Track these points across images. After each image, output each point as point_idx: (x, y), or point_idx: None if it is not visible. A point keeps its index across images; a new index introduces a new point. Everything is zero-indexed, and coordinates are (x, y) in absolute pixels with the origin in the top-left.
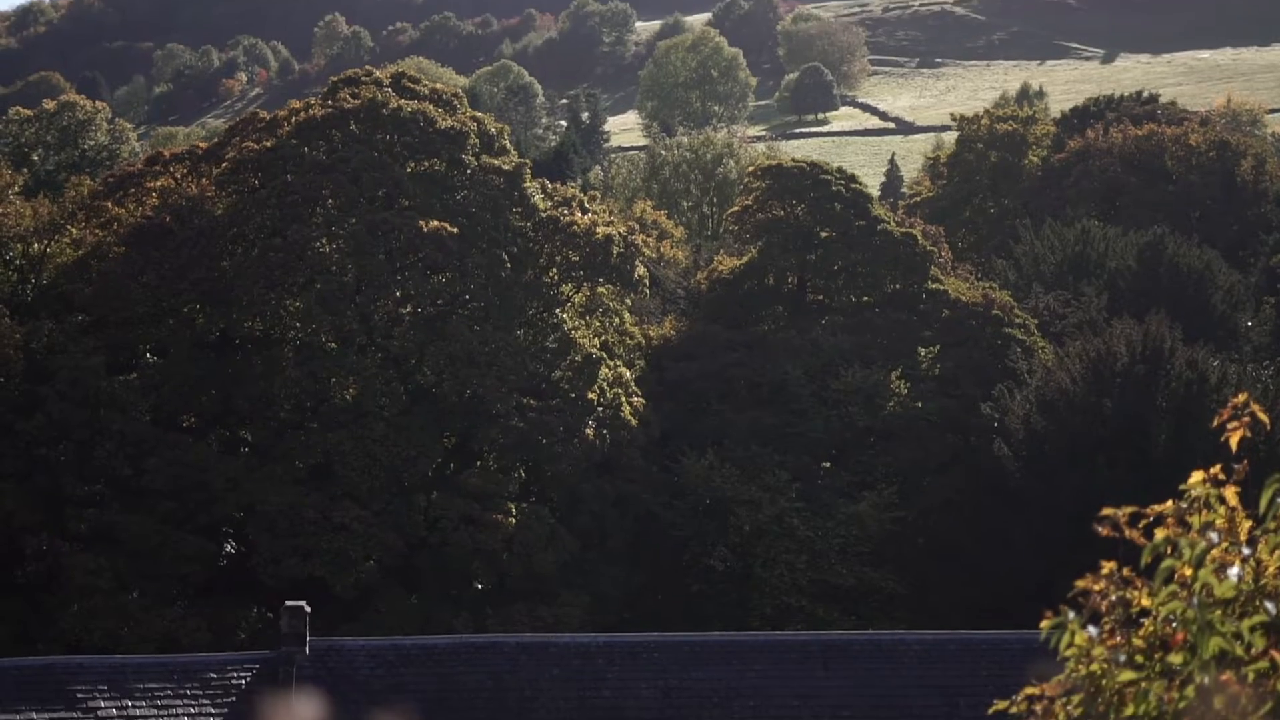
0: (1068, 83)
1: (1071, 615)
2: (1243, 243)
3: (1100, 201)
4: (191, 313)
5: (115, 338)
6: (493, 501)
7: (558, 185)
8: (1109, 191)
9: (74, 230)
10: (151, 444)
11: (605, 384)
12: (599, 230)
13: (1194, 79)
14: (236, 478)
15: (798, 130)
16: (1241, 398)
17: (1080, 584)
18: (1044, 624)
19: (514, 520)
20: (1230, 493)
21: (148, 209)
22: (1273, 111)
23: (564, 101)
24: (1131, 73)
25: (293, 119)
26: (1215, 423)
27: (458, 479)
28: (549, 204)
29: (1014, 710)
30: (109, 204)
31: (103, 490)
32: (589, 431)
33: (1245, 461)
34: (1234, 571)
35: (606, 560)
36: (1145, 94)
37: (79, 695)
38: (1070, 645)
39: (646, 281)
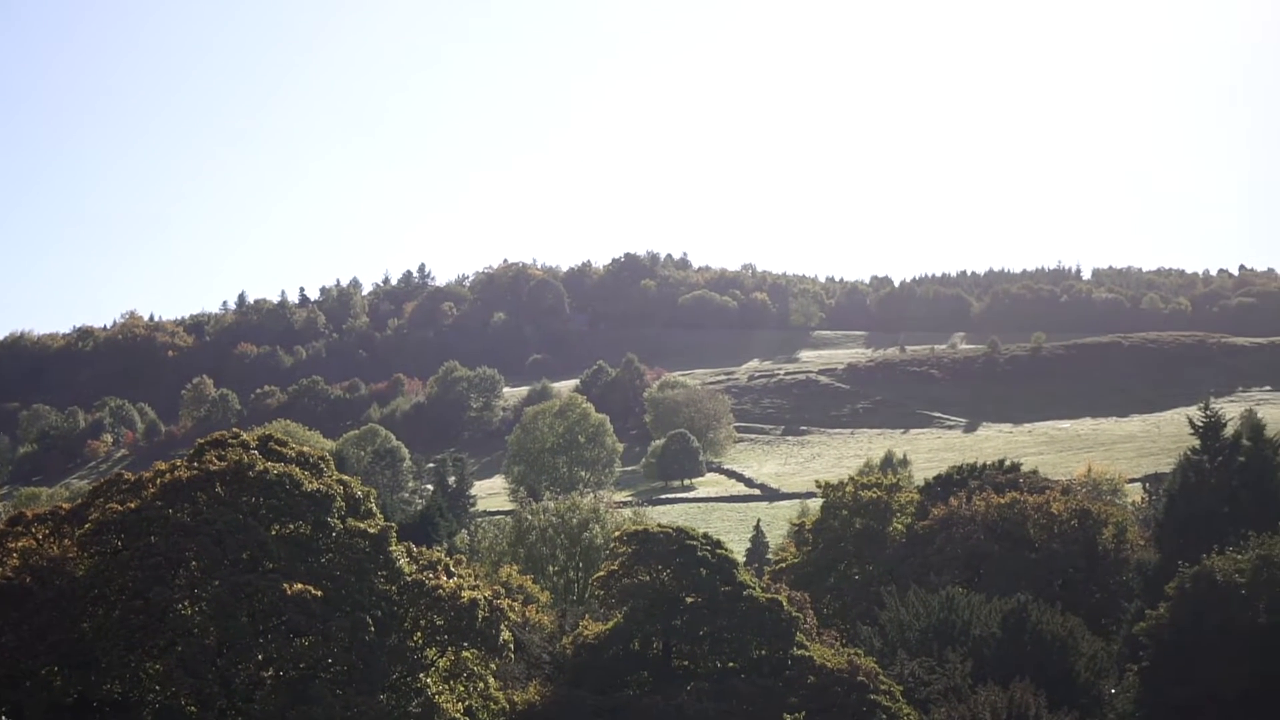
0: (931, 450)
1: None
2: (1105, 610)
3: (964, 568)
4: (49, 675)
5: None
6: None
7: (423, 549)
8: (972, 558)
9: None
10: None
11: None
12: (464, 594)
13: (1055, 448)
14: None
15: (664, 496)
16: None
17: None
18: None
19: None
20: None
21: (8, 570)
22: (1132, 481)
23: (431, 465)
24: (993, 441)
25: (158, 480)
26: None
27: None
28: (414, 567)
29: None
30: None
31: None
32: None
33: None
34: None
35: None
36: (1007, 462)
37: None
38: None
39: (512, 646)
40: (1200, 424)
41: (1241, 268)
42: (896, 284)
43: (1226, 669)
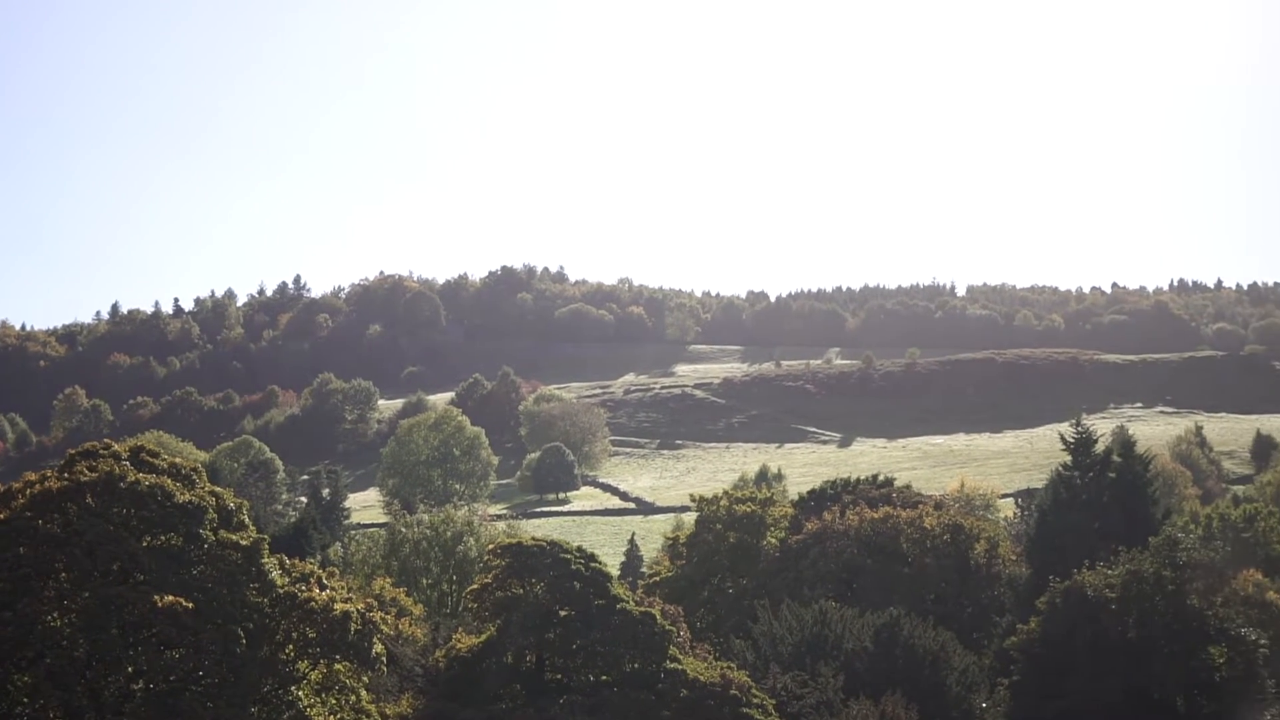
0: (806, 465)
1: None
2: (977, 625)
3: (837, 583)
4: None
5: None
6: None
7: (296, 561)
8: (846, 573)
9: None
10: None
11: None
12: (337, 607)
13: (928, 463)
14: None
15: (539, 509)
16: None
17: None
18: None
19: None
20: None
21: None
22: (1005, 496)
23: (305, 477)
24: (868, 456)
25: (27, 491)
26: None
27: None
28: (287, 580)
29: None
30: None
31: None
32: None
33: None
34: None
35: None
36: (881, 477)
37: None
38: None
39: (384, 659)
40: (1072, 440)
41: (1114, 285)
42: (773, 299)
43: (1096, 683)
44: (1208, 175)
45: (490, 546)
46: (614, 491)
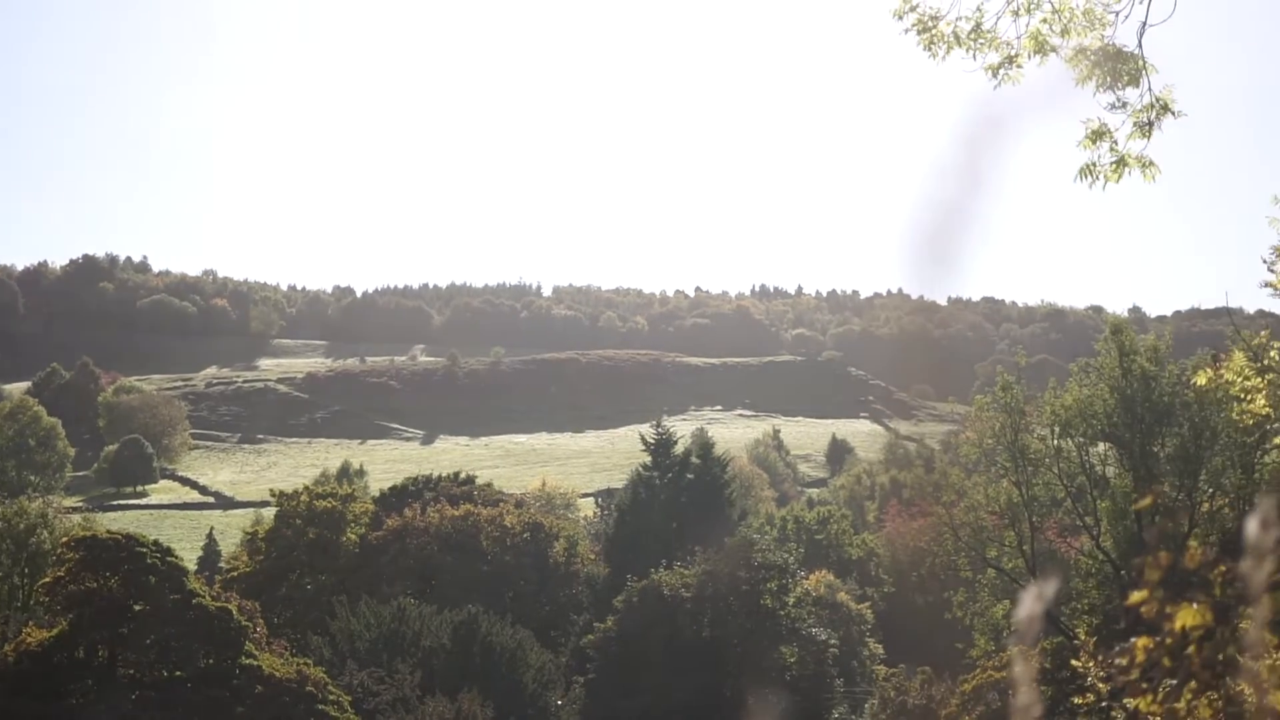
0: (388, 462)
1: None
2: (555, 623)
3: (417, 579)
4: None
5: None
6: None
7: None
8: (426, 569)
9: None
10: None
11: None
12: None
13: (511, 462)
14: None
15: (116, 502)
16: None
17: None
18: None
19: None
20: None
21: None
22: (586, 495)
23: None
24: (451, 454)
25: None
26: None
27: None
28: None
29: None
30: None
31: None
32: None
33: None
34: None
35: None
36: (463, 475)
37: None
38: None
39: None
40: (652, 441)
41: (697, 289)
42: (359, 294)
43: (671, 680)
44: (789, 183)
45: (64, 539)
46: (193, 485)
